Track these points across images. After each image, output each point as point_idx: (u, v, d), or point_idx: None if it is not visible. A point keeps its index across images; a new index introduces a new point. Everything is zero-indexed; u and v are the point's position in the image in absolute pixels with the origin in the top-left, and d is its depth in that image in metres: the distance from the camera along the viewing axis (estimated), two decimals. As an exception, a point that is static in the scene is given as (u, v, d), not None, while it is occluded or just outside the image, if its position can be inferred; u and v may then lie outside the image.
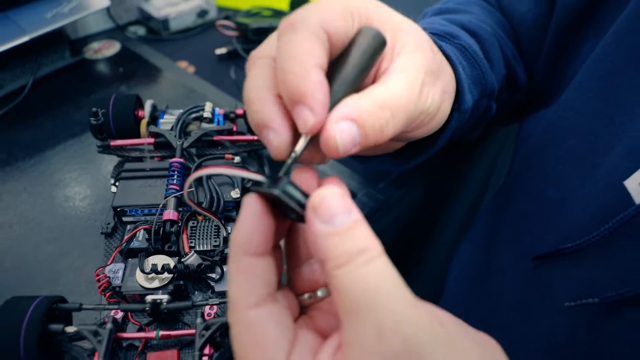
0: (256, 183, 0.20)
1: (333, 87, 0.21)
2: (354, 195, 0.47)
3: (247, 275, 0.19)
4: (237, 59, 0.66)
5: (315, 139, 0.21)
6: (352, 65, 0.21)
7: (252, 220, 0.19)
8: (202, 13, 0.73)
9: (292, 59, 0.20)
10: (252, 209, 0.19)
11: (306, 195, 0.19)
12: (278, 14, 0.73)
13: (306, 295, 0.22)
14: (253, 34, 0.65)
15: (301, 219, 0.19)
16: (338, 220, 0.18)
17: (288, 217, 0.21)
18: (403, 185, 0.49)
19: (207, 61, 0.66)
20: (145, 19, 0.71)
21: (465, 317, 0.19)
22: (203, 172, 0.22)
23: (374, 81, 0.24)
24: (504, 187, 0.46)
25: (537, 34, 0.42)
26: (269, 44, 0.23)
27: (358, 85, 0.21)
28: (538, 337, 0.33)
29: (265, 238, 0.19)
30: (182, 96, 0.58)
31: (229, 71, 0.64)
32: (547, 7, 0.40)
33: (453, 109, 0.29)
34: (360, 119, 0.20)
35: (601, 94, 0.32)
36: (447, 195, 0.58)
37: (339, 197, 0.18)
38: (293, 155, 0.21)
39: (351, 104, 0.21)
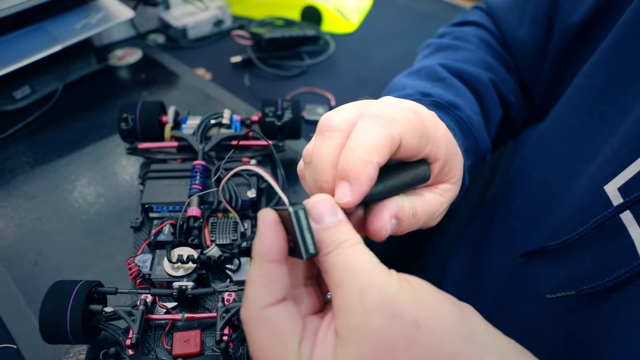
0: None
1: (380, 182, 0.25)
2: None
3: (267, 279, 0.22)
4: (251, 67, 0.70)
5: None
6: (400, 180, 0.27)
7: (270, 230, 0.23)
8: (219, 22, 0.77)
9: (363, 147, 0.24)
10: (270, 221, 0.23)
11: (311, 231, 0.22)
12: (290, 24, 0.77)
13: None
14: (266, 44, 0.69)
15: (292, 251, 0.23)
16: (326, 219, 0.23)
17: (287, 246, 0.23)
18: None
19: (223, 68, 0.70)
20: (164, 27, 0.76)
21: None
22: (248, 167, 0.26)
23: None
24: (500, 191, 0.50)
25: (536, 57, 0.45)
26: (345, 114, 0.26)
27: (396, 193, 0.27)
28: (521, 326, 0.36)
29: (282, 246, 0.23)
30: (199, 102, 0.63)
31: (243, 78, 0.68)
32: (545, 31, 0.43)
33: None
34: (400, 219, 0.27)
35: (586, 107, 0.36)
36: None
37: (327, 202, 0.23)
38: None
39: (401, 205, 0.27)
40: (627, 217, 0.28)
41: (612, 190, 0.30)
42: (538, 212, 0.38)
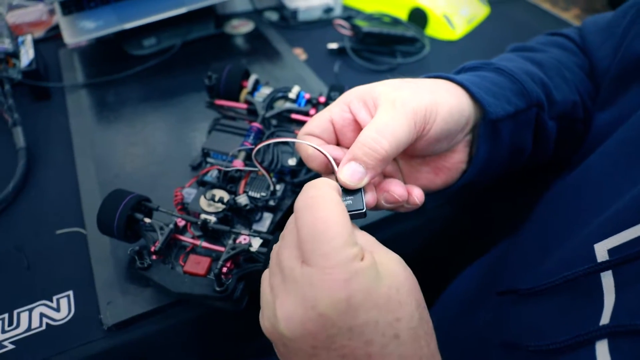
0: None
1: None
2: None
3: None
4: (344, 56, 0.74)
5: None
6: None
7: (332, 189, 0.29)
8: (328, 10, 0.82)
9: None
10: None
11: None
12: (395, 22, 0.79)
13: None
14: (363, 37, 0.73)
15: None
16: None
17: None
18: (448, 198, 0.53)
19: (319, 52, 0.75)
20: (279, 6, 0.83)
21: (447, 334, 0.26)
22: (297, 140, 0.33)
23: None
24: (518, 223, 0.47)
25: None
26: None
27: None
28: None
29: None
30: (289, 78, 0.69)
31: (334, 65, 0.72)
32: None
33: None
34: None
35: (613, 158, 0.34)
36: (490, 221, 0.60)
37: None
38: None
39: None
40: (608, 282, 0.27)
41: (602, 249, 0.28)
42: (535, 254, 0.37)
